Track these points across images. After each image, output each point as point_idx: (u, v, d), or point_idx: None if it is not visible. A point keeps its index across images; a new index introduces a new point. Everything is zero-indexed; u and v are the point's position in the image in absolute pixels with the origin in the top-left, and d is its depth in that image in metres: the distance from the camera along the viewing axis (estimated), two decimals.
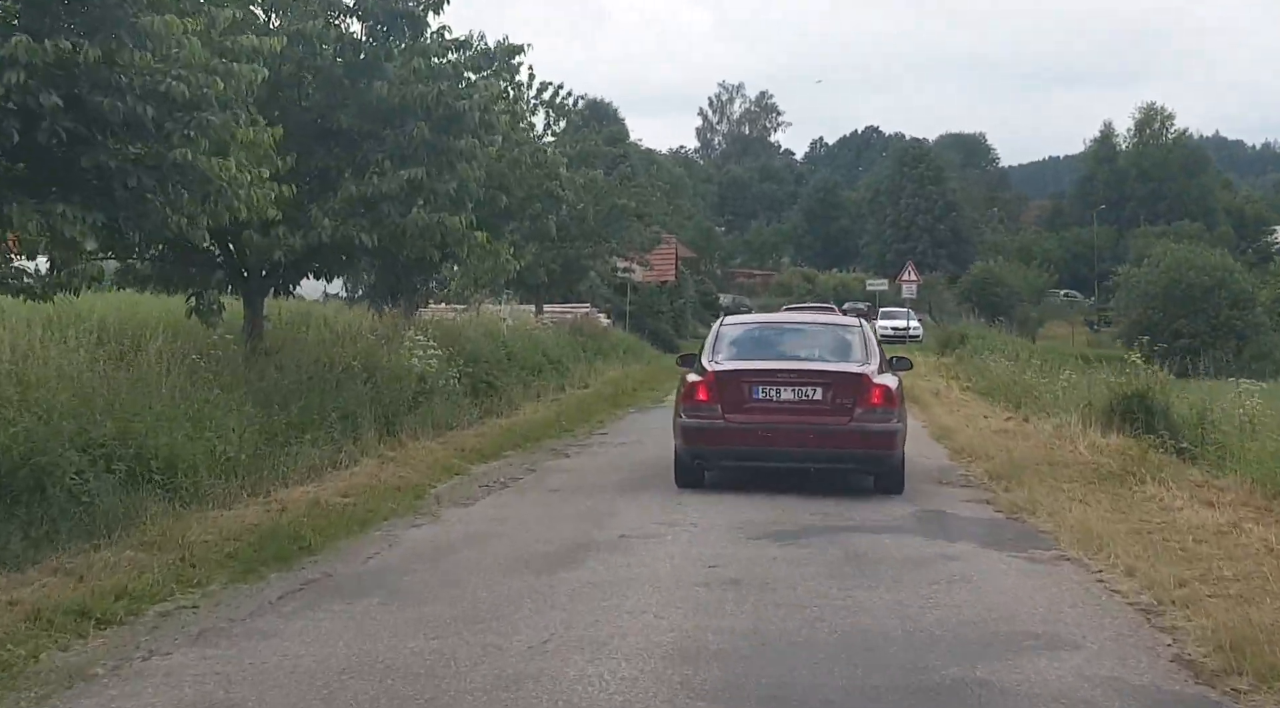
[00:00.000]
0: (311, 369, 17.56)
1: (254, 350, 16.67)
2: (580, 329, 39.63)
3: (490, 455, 16.50)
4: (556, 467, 15.62)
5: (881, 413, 12.95)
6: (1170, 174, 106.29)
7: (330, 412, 15.99)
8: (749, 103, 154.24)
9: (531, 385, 26.21)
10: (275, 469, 13.06)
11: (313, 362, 18.17)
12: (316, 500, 11.58)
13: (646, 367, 37.02)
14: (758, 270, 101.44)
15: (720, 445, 13.24)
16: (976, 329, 43.88)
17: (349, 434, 15.56)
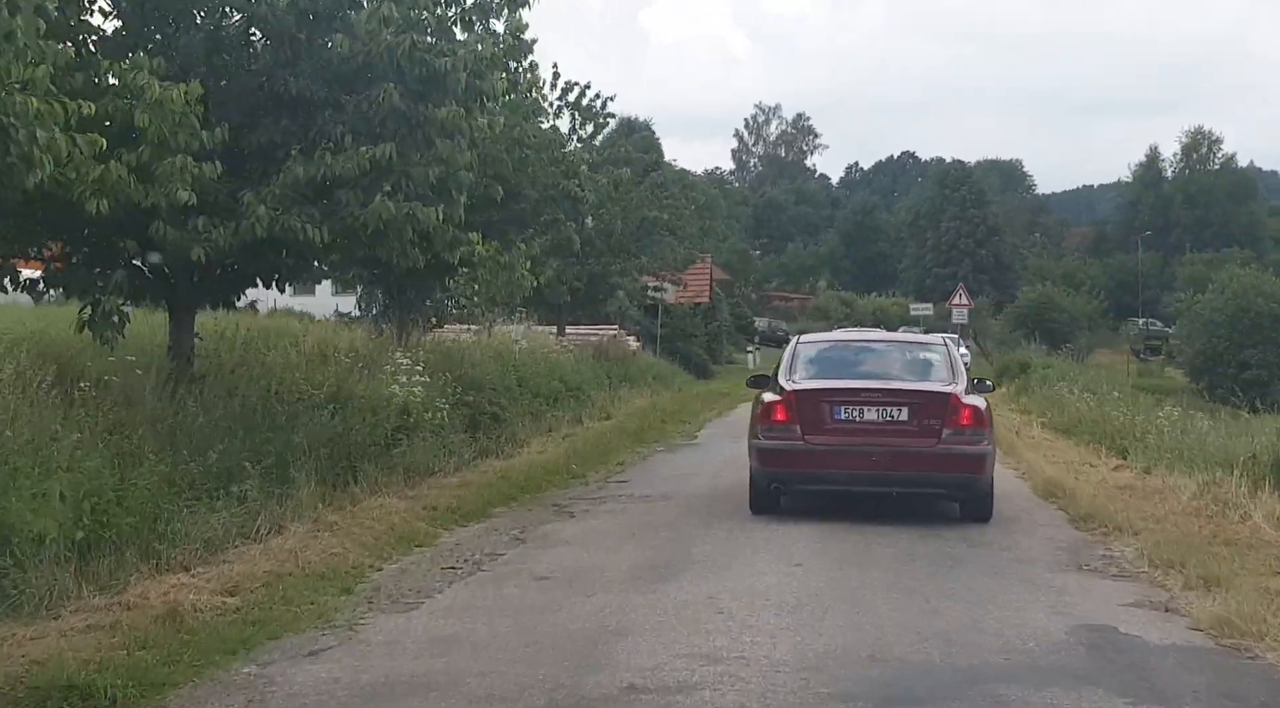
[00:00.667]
0: (254, 402, 13.69)
1: (173, 377, 12.72)
2: (605, 353, 35.71)
3: (471, 515, 12.51)
4: (554, 535, 11.60)
5: (971, 434, 12.05)
6: (1217, 200, 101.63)
7: (266, 457, 12.08)
8: (785, 124, 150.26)
9: (544, 417, 22.31)
10: (152, 546, 9.13)
11: (261, 393, 14.33)
12: (175, 608, 7.59)
13: (677, 395, 33.01)
14: (794, 294, 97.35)
15: (799, 468, 12.36)
16: (1040, 358, 39.60)
17: (282, 490, 11.59)
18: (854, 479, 12.24)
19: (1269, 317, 48.08)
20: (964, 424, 12.06)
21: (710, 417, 26.99)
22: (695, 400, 31.28)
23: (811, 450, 12.19)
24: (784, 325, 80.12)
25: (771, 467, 12.53)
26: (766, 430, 12.58)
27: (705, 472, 16.49)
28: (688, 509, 13.20)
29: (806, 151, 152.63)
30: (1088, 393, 27.57)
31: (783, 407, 12.47)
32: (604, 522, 12.37)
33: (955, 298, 47.82)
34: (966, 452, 12.00)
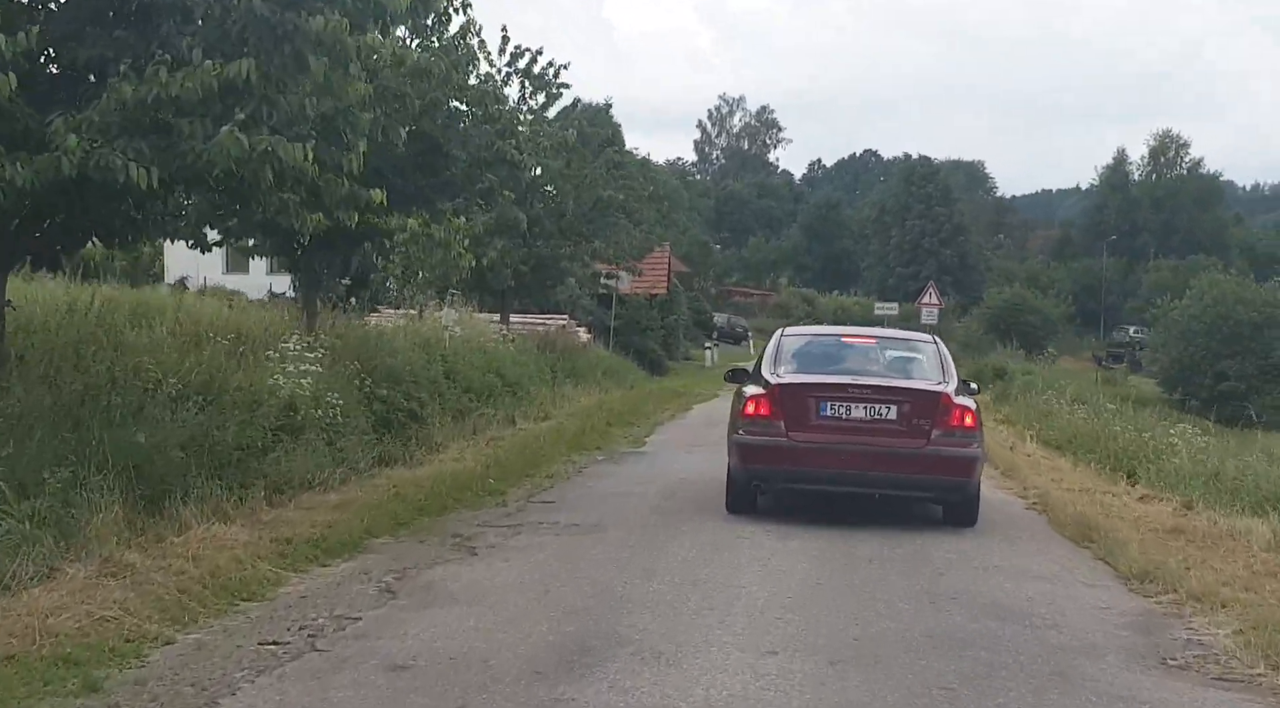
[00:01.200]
0: (79, 391, 10.66)
1: None
2: (552, 344, 32.64)
3: (338, 550, 9.44)
4: (441, 585, 8.55)
5: (961, 436, 11.51)
6: (1184, 205, 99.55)
7: (74, 464, 9.05)
8: (749, 117, 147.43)
9: (471, 417, 19.27)
10: None
11: (100, 379, 11.33)
12: None
13: (628, 393, 29.98)
14: (754, 290, 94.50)
15: (782, 466, 11.69)
16: (1018, 364, 36.67)
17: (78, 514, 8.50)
18: (838, 479, 11.54)
19: (1249, 326, 45.62)
20: (954, 426, 11.45)
21: (662, 419, 23.97)
22: (647, 400, 28.27)
23: (795, 447, 11.48)
24: (744, 322, 77.20)
25: (752, 464, 11.79)
26: (748, 425, 11.83)
27: (651, 491, 13.46)
28: (625, 546, 10.17)
29: (770, 145, 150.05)
30: (1078, 404, 24.78)
31: (766, 401, 11.74)
32: (513, 565, 9.30)
33: (925, 297, 44.99)
34: (957, 454, 11.38)
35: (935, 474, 11.41)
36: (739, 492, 12.09)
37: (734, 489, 12.14)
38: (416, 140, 17.96)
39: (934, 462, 11.34)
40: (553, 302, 44.44)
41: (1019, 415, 25.35)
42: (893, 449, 11.38)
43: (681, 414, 25.68)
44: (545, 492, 13.27)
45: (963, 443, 11.43)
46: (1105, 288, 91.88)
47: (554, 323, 40.06)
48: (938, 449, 11.33)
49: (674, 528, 11.11)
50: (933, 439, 11.34)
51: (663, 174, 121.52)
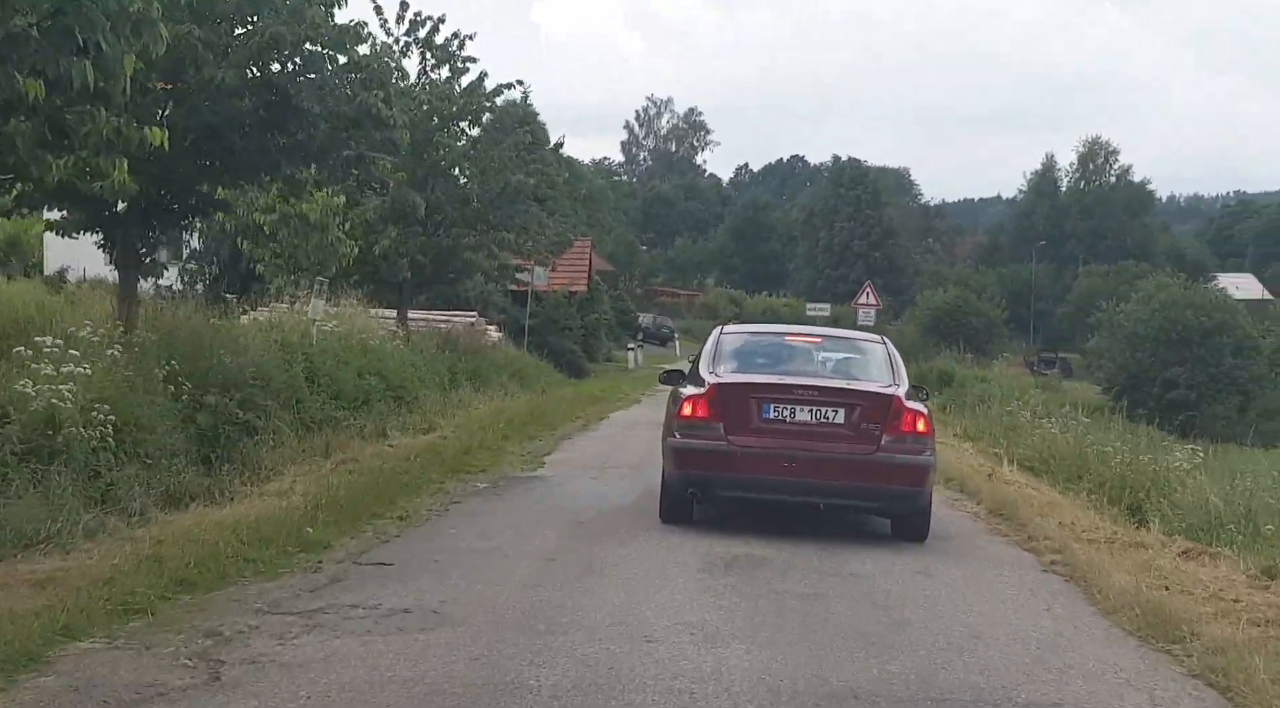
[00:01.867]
0: None
1: None
2: (454, 343, 28.82)
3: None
4: None
5: (913, 442, 10.56)
6: (1112, 212, 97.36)
7: None
8: (677, 119, 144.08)
9: (331, 430, 15.51)
10: None
11: None
12: None
13: (538, 398, 26.20)
14: (681, 290, 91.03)
15: (721, 472, 10.60)
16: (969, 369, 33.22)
17: None
18: (781, 487, 10.66)
19: (1199, 332, 42.67)
20: (906, 431, 10.63)
21: (571, 431, 20.26)
22: (559, 406, 24.52)
23: (735, 452, 10.60)
24: (670, 322, 73.66)
25: (689, 470, 10.86)
26: (685, 428, 10.89)
27: (535, 544, 9.71)
28: (476, 657, 6.41)
29: (697, 147, 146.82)
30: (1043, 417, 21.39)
31: (704, 402, 10.85)
32: None
33: (861, 297, 41.59)
34: (908, 462, 10.57)
35: (885, 483, 10.52)
36: (674, 501, 11.03)
37: (668, 498, 11.09)
38: (260, 91, 14.20)
39: (884, 469, 10.47)
40: (462, 298, 40.69)
41: (981, 430, 21.86)
42: (840, 455, 10.48)
43: (595, 424, 21.97)
44: (385, 545, 9.46)
45: (914, 450, 10.58)
46: (1035, 293, 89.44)
47: (461, 320, 36.31)
48: (888, 456, 10.47)
49: (558, 618, 7.37)
50: (883, 445, 10.48)
51: (589, 173, 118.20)
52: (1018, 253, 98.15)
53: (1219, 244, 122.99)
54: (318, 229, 22.37)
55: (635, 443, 18.20)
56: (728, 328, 12.95)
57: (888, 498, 10.68)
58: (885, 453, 10.45)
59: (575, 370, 43.77)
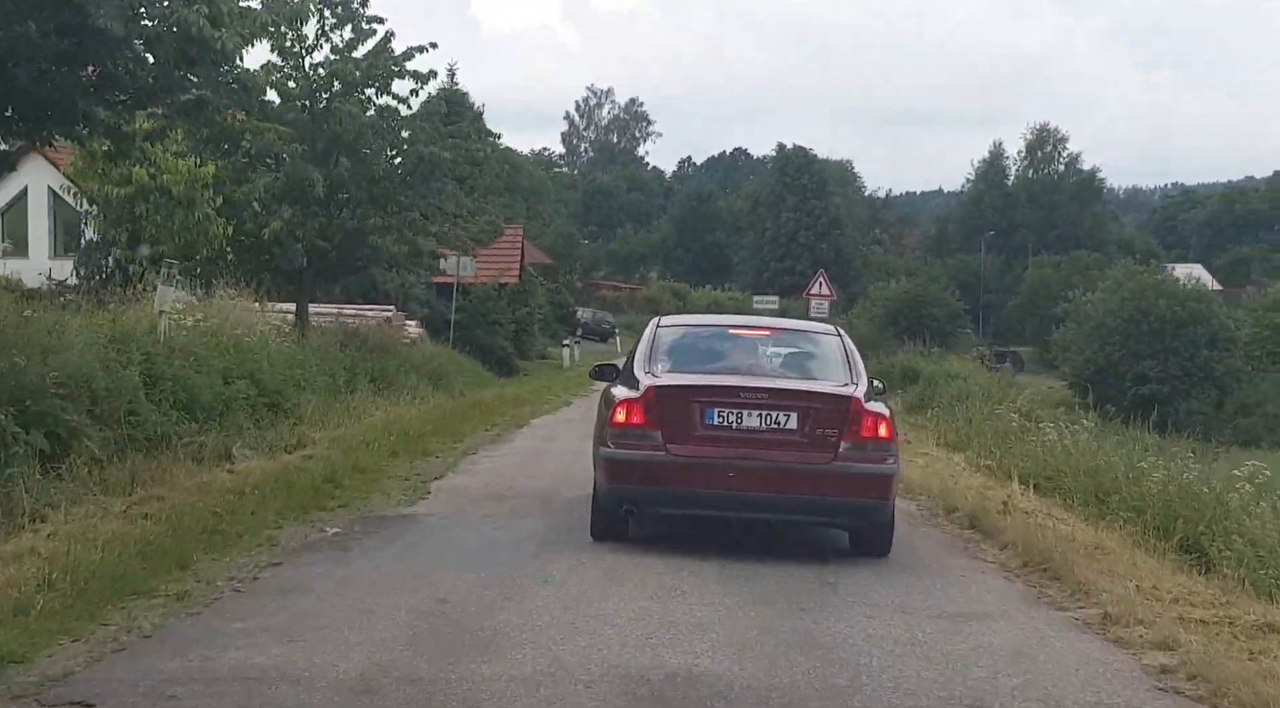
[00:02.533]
0: None
1: None
2: (360, 340, 25.32)
3: None
4: None
5: (875, 449, 9.41)
6: (1061, 201, 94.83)
7: None
8: (618, 109, 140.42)
9: (164, 449, 12.11)
10: None
11: None
12: None
13: (452, 402, 22.74)
14: (623, 283, 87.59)
15: (659, 486, 9.39)
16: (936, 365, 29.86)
17: None
18: (727, 502, 9.33)
19: (1172, 323, 39.75)
20: (866, 437, 9.36)
21: (480, 443, 16.86)
22: (473, 411, 21.09)
23: (674, 463, 9.26)
24: (610, 317, 70.27)
25: (623, 483, 9.45)
26: (618, 436, 9.52)
27: (355, 661, 6.17)
28: None
29: (639, 138, 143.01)
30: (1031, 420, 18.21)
31: (639, 407, 9.48)
32: None
33: (814, 287, 38.32)
34: (869, 472, 9.31)
35: (845, 495, 9.40)
36: (606, 518, 9.81)
37: (600, 514, 9.87)
38: (48, 9, 10.74)
39: (843, 480, 9.36)
40: (380, 290, 37.13)
41: (966, 437, 18.61)
42: (793, 465, 9.38)
43: (510, 433, 18.55)
44: (112, 659, 6.00)
45: (876, 457, 9.47)
46: (984, 285, 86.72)
47: (376, 315, 32.77)
48: (847, 466, 9.36)
49: None
50: (841, 453, 9.38)
51: (528, 165, 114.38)
52: (966, 244, 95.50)
53: (1163, 234, 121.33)
54: (181, 205, 18.78)
55: (551, 460, 14.87)
56: (665, 320, 11.34)
57: (848, 513, 9.50)
58: (844, 462, 9.27)
59: (505, 369, 40.31)
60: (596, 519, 9.82)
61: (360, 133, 25.31)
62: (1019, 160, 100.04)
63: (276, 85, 24.88)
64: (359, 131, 25.19)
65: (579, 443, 15.64)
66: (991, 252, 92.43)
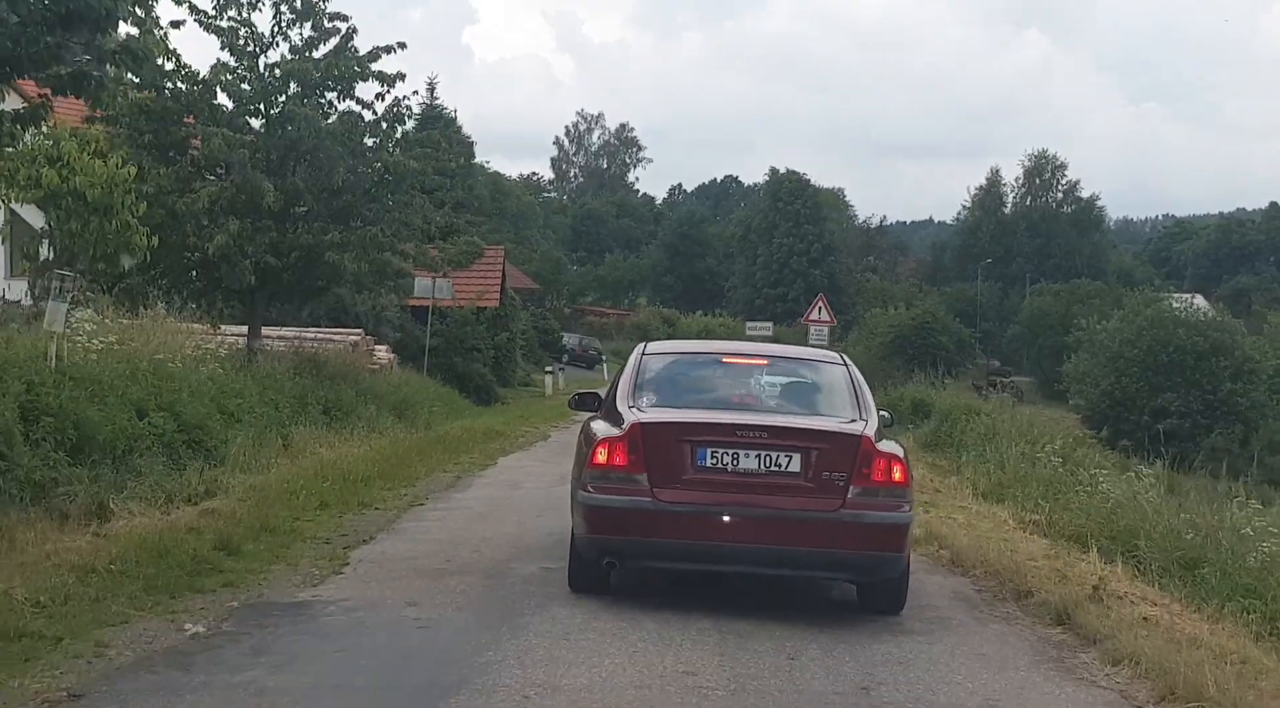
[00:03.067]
0: None
1: None
2: (317, 366, 22.85)
3: None
4: None
5: (888, 495, 8.33)
6: (1060, 229, 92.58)
7: None
8: (609, 135, 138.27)
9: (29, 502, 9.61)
10: None
11: None
12: None
13: (412, 437, 20.15)
14: (611, 309, 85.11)
15: (646, 536, 8.33)
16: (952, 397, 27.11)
17: None
18: (722, 555, 8.32)
19: (1193, 354, 37.25)
20: (878, 481, 8.29)
21: (433, 489, 14.30)
22: (434, 447, 18.58)
23: (663, 512, 8.20)
24: (597, 344, 67.75)
25: (604, 533, 8.40)
26: (598, 479, 8.41)
27: None
28: None
29: (630, 164, 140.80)
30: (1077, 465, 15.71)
31: (623, 446, 8.38)
32: None
33: (813, 312, 35.78)
34: (883, 520, 8.24)
35: (855, 548, 8.20)
36: (584, 568, 8.65)
37: (578, 565, 8.71)
38: None
39: (853, 531, 8.18)
40: (351, 313, 34.61)
41: (1002, 484, 16.03)
42: (797, 513, 8.20)
43: (471, 477, 15.94)
44: None
45: (889, 504, 8.28)
46: (981, 314, 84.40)
47: (342, 339, 30.23)
48: (858, 514, 8.17)
49: None
50: (850, 500, 8.21)
51: (516, 189, 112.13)
52: (962, 272, 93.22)
53: (1158, 265, 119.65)
54: (98, 211, 16.22)
55: (512, 516, 12.34)
56: (650, 347, 10.33)
57: (859, 567, 8.47)
58: (854, 510, 8.29)
59: (484, 397, 37.79)
60: (574, 568, 8.86)
61: (319, 139, 22.85)
62: (1017, 187, 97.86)
63: (228, 87, 22.43)
64: (317, 138, 22.72)
65: (550, 491, 13.19)
66: (989, 280, 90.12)
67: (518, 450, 20.75)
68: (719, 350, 10.91)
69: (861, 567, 8.42)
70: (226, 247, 21.29)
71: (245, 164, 21.48)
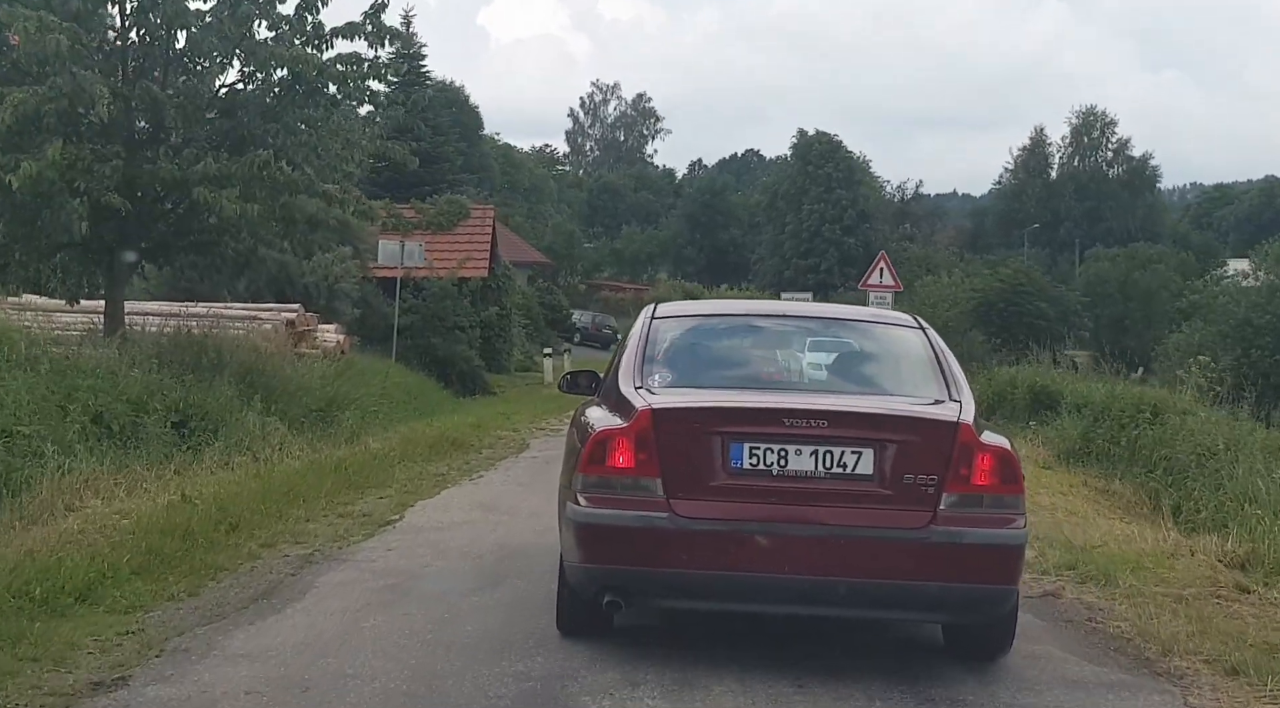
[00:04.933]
0: None
1: None
2: (209, 353, 15.99)
3: None
4: None
5: (995, 506, 6.09)
6: (1111, 191, 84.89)
7: None
8: (625, 105, 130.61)
9: None
10: None
11: None
12: None
13: (298, 464, 12.98)
14: (628, 284, 77.93)
15: (661, 566, 6.06)
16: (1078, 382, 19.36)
17: None
18: (765, 592, 6.06)
19: None
20: (981, 485, 6.01)
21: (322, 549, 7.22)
22: (356, 470, 11.60)
23: (684, 531, 6.00)
24: (611, 321, 60.57)
25: (603, 561, 6.13)
26: (596, 486, 6.18)
27: None
28: None
29: (647, 136, 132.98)
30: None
31: (628, 441, 6.10)
32: None
33: (873, 274, 28.57)
34: (989, 541, 6.01)
35: (950, 579, 5.93)
36: (578, 606, 6.43)
37: (569, 601, 6.51)
38: None
39: (948, 556, 5.92)
40: (299, 286, 27.64)
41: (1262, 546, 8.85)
42: (869, 532, 5.98)
43: (336, 560, 8.61)
44: None
45: (997, 517, 6.03)
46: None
47: (274, 317, 23.31)
48: (954, 532, 5.93)
49: None
50: (943, 513, 5.94)
51: (529, 162, 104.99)
52: (1006, 238, 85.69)
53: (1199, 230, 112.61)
54: None
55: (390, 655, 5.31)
56: (662, 309, 7.46)
57: (953, 606, 6.05)
58: (947, 527, 5.90)
59: (470, 385, 30.74)
60: (564, 607, 6.60)
61: (190, 33, 15.85)
62: (1063, 147, 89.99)
63: None
64: (185, 23, 15.71)
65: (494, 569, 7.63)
66: (1035, 246, 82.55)
67: (485, 468, 13.73)
68: (751, 310, 8.47)
69: (958, 605, 6.12)
70: (42, 180, 14.32)
71: (64, 59, 14.50)
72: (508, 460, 15.03)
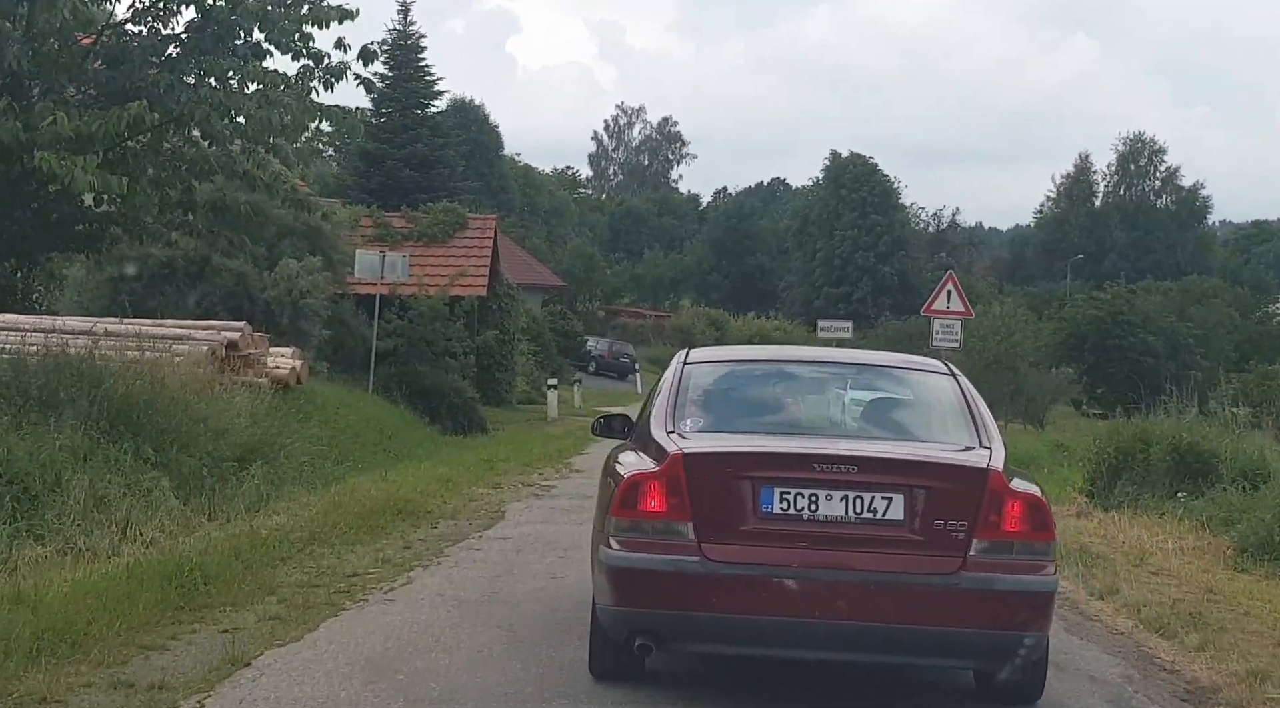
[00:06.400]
0: None
1: None
2: (72, 380, 11.34)
3: None
4: None
5: (1026, 552, 6.15)
6: (1159, 222, 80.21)
7: None
8: (650, 129, 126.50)
9: None
10: None
11: None
12: None
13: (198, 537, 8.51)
14: (649, 310, 73.52)
15: (693, 609, 6.16)
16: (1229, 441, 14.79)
17: None
18: (796, 636, 6.13)
19: None
20: (1011, 532, 6.09)
21: None
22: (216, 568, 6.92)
23: (716, 576, 6.10)
24: (630, 350, 56.12)
25: (635, 605, 6.24)
26: (628, 530, 6.29)
27: None
28: None
29: (673, 161, 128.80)
30: None
31: (660, 485, 6.27)
32: None
33: (937, 298, 24.00)
34: (1019, 588, 6.08)
35: (980, 625, 6.01)
36: (610, 649, 6.50)
37: (600, 644, 6.60)
38: None
39: (978, 602, 5.98)
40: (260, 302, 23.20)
41: None
42: (900, 578, 6.04)
43: None
44: None
45: (1028, 564, 6.08)
46: None
47: (210, 338, 18.75)
48: (984, 578, 5.98)
49: None
50: (973, 559, 5.99)
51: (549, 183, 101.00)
52: (1048, 269, 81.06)
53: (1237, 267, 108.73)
54: None
55: None
56: (695, 354, 7.66)
57: (982, 652, 6.17)
58: (977, 573, 5.96)
59: (463, 422, 26.20)
60: (596, 650, 6.71)
61: None
62: (1109, 175, 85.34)
63: None
64: None
65: None
66: (1078, 278, 77.89)
67: (390, 582, 9.02)
68: (784, 357, 8.97)
69: (988, 651, 6.23)
70: None
71: None
72: (465, 544, 10.48)
